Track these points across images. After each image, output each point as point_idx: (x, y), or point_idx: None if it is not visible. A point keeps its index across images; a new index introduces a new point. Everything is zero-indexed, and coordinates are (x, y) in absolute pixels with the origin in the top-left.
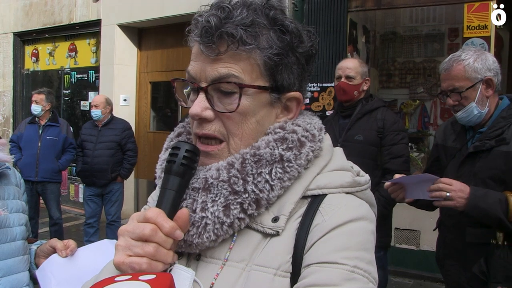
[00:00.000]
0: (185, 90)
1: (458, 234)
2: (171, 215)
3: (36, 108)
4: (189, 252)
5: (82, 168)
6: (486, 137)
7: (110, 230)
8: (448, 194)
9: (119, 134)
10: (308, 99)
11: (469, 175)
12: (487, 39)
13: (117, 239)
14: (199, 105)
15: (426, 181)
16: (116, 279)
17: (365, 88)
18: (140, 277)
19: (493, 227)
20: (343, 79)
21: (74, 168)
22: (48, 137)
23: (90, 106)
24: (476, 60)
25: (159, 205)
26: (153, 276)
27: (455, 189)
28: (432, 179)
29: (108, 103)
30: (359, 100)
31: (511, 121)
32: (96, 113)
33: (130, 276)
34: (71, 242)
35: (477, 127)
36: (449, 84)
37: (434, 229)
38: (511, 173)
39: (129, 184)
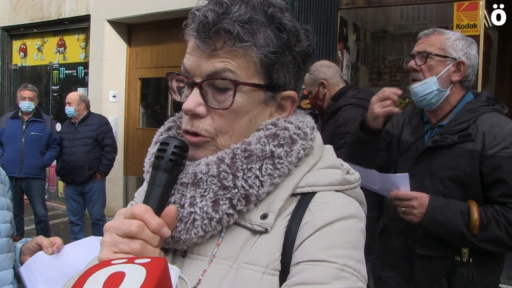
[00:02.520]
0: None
1: (405, 242)
2: (158, 211)
3: (30, 105)
4: (175, 249)
5: (61, 166)
6: (448, 131)
7: (96, 229)
8: (403, 209)
9: (95, 130)
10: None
11: (424, 174)
12: (476, 38)
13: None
14: (192, 100)
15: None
16: (113, 262)
17: (324, 91)
18: (136, 261)
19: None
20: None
21: None
22: (32, 133)
23: (64, 104)
24: (458, 40)
25: (146, 201)
26: (148, 260)
27: (416, 206)
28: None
29: (83, 100)
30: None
31: (478, 115)
32: (69, 110)
33: (126, 260)
34: (57, 239)
35: (433, 118)
36: (421, 48)
37: (378, 232)
38: (475, 176)
39: (118, 181)
